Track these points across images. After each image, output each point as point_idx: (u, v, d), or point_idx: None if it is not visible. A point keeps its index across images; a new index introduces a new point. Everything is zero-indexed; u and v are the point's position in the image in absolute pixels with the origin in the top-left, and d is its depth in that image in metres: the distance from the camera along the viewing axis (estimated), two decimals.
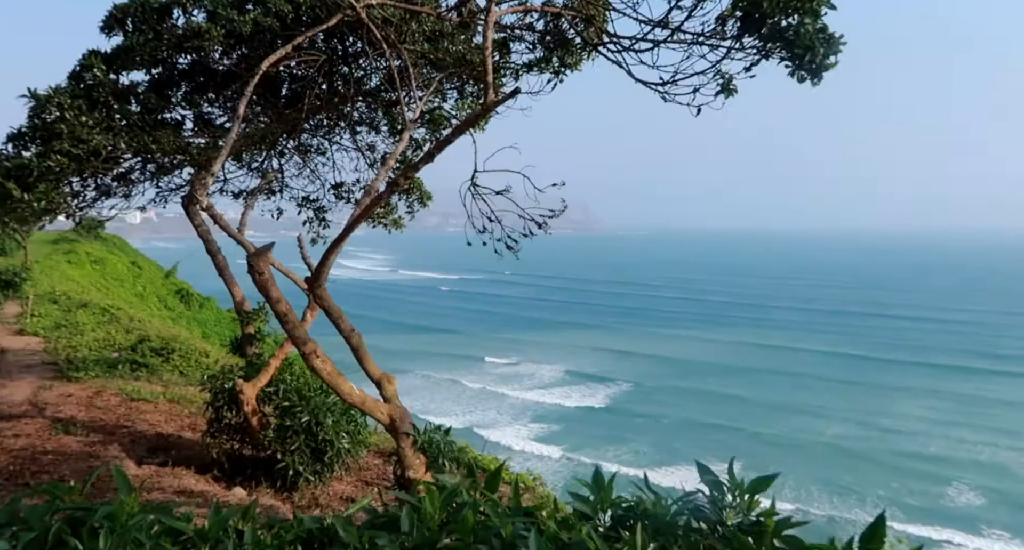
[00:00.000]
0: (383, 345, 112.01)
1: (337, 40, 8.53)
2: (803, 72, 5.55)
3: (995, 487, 55.06)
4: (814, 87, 5.84)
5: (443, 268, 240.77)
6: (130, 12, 10.03)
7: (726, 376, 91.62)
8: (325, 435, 8.91)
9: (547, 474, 59.48)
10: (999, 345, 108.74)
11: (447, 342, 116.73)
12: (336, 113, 10.62)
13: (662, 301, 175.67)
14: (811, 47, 5.44)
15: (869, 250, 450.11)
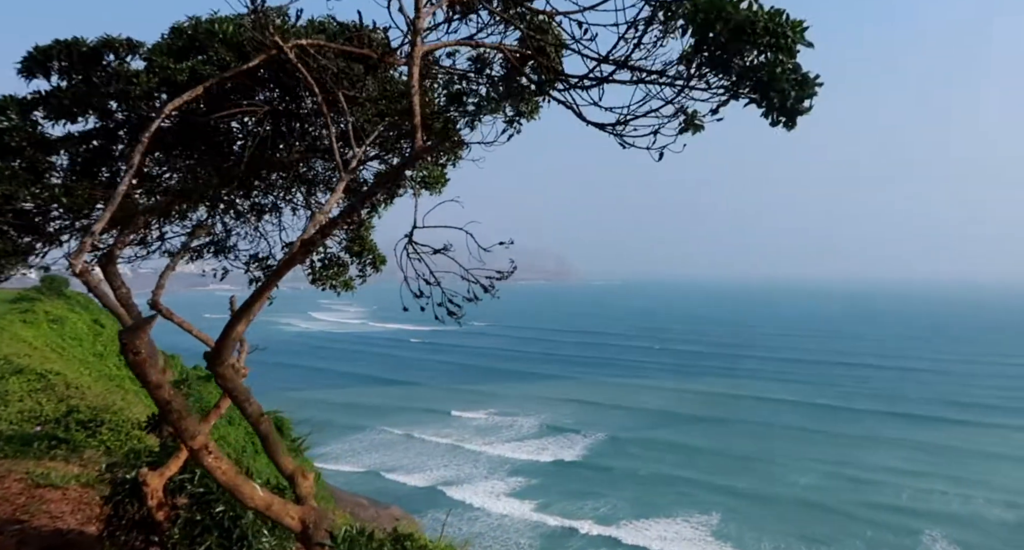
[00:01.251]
0: (344, 399, 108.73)
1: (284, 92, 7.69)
2: (776, 115, 4.85)
3: (968, 537, 54.45)
4: (789, 131, 5.19)
5: (416, 320, 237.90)
6: (54, 55, 9.14)
7: (698, 427, 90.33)
8: (242, 531, 7.59)
9: (520, 534, 57.10)
10: (963, 393, 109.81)
11: (414, 395, 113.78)
12: (291, 171, 9.76)
13: (634, 351, 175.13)
14: (782, 90, 4.74)
15: (827, 297, 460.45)
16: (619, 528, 58.01)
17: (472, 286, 6.51)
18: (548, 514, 60.91)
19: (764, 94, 4.71)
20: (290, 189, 9.97)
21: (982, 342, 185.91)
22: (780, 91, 4.66)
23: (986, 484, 66.21)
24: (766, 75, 4.66)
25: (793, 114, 4.82)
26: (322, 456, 70.59)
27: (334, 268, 10.59)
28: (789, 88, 4.74)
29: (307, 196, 10.06)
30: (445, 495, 65.19)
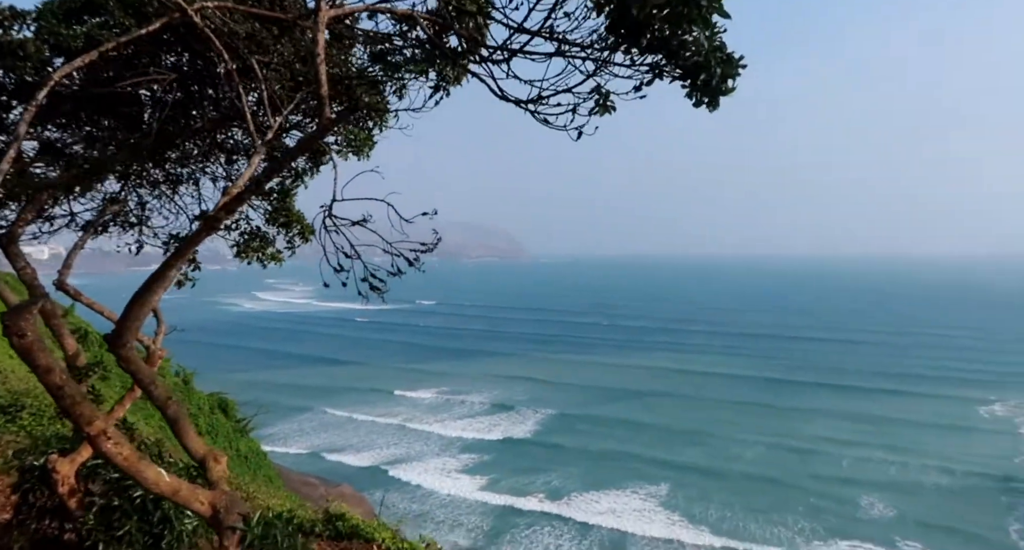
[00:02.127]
0: (289, 380, 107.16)
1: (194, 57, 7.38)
2: (700, 95, 4.97)
3: (902, 502, 58.14)
4: (711, 112, 5.32)
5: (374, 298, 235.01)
6: None
7: (646, 403, 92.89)
8: (164, 514, 7.50)
9: (465, 514, 57.93)
10: (898, 365, 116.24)
11: (360, 375, 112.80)
12: (207, 140, 9.41)
13: (583, 328, 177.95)
14: (705, 66, 4.85)
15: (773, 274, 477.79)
16: (569, 501, 59.71)
17: (396, 259, 6.51)
18: (497, 491, 61.93)
19: (690, 73, 4.81)
20: (207, 158, 9.66)
21: (918, 315, 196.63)
22: (704, 67, 4.78)
23: (919, 452, 70.64)
24: (686, 50, 4.78)
25: (717, 93, 4.95)
26: (267, 438, 69.67)
27: (257, 241, 10.36)
28: (715, 66, 4.86)
29: (227, 166, 9.76)
30: (389, 475, 65.49)
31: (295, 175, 9.96)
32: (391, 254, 6.39)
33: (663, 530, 53.91)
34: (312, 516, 9.78)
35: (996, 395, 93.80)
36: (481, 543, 53.01)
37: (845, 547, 50.67)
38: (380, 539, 9.21)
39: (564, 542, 52.76)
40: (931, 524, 53.96)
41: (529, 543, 52.85)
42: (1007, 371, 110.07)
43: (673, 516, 56.73)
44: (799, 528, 54.11)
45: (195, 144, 9.68)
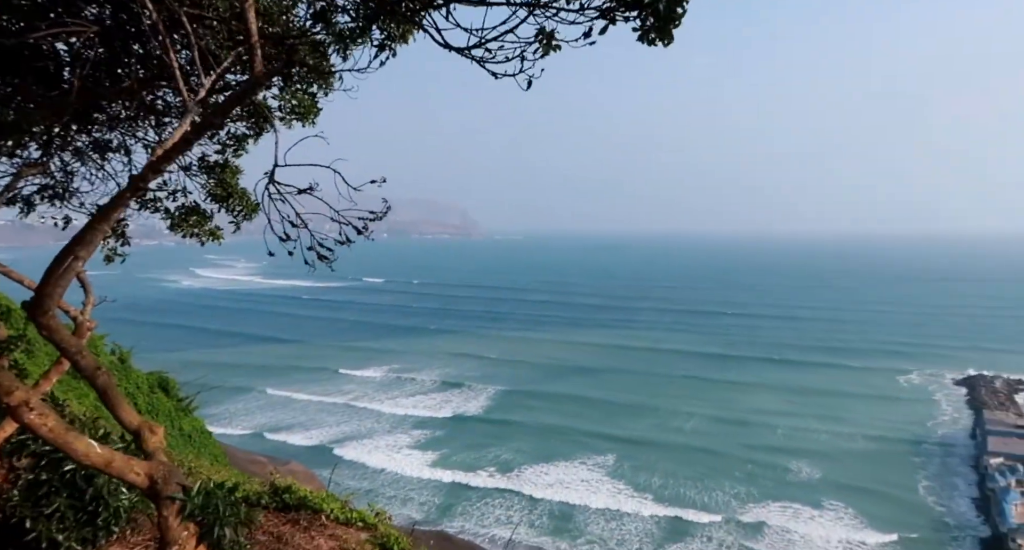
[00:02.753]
0: (232, 360, 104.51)
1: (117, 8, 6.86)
2: (652, 33, 4.76)
3: (828, 467, 61.34)
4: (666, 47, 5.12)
5: (313, 275, 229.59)
6: None
7: (595, 379, 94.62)
8: (97, 490, 7.19)
9: (416, 490, 58.17)
10: (832, 339, 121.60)
11: (307, 354, 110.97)
12: (136, 101, 8.80)
13: (535, 305, 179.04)
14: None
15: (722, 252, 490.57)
16: (520, 474, 60.88)
17: (344, 228, 6.29)
18: (448, 466, 62.40)
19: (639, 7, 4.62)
20: (137, 122, 9.07)
21: (853, 291, 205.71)
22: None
23: (845, 420, 74.52)
24: None
25: (667, 25, 4.76)
26: (207, 418, 67.71)
27: (195, 216, 9.83)
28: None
29: (158, 129, 9.20)
30: (335, 453, 65.10)
31: (236, 143, 9.48)
32: (339, 222, 6.18)
33: (609, 499, 55.46)
34: (259, 489, 9.60)
35: (914, 365, 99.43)
36: (434, 516, 53.60)
37: (776, 508, 53.60)
38: (329, 510, 9.10)
39: (514, 513, 53.81)
40: (852, 484, 57.41)
41: (480, 516, 53.69)
42: (922, 342, 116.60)
43: (619, 485, 58.47)
44: (735, 492, 56.69)
45: (123, 106, 9.09)
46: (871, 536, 48.95)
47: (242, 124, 9.28)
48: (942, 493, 56.37)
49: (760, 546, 47.76)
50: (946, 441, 68.44)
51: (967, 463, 62.18)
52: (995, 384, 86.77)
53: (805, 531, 49.99)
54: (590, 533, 50.45)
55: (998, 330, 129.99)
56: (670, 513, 52.97)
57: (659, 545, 48.63)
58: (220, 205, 9.87)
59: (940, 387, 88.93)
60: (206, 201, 10.05)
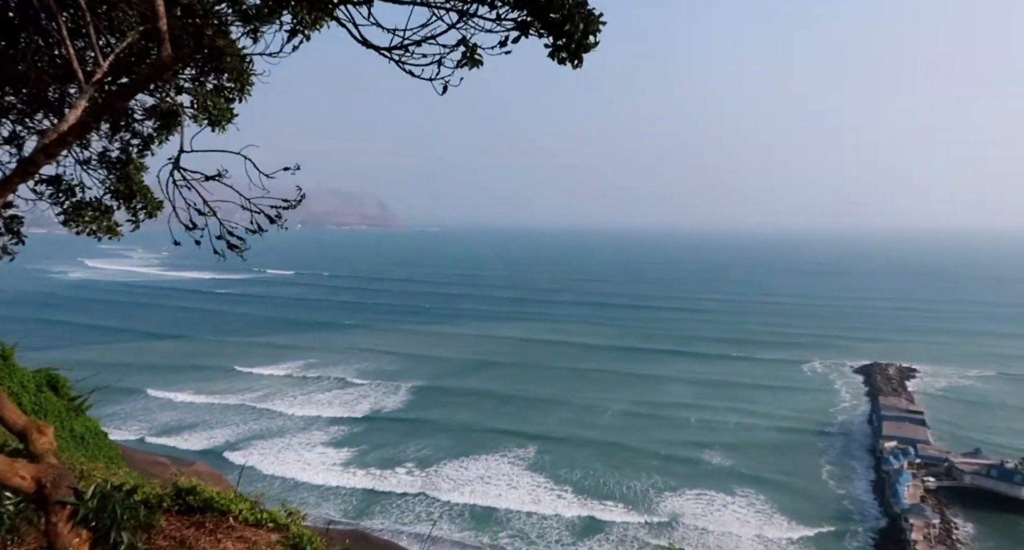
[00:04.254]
0: (127, 359, 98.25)
1: None
2: (563, 53, 5.11)
3: (739, 454, 64.88)
4: (575, 69, 5.46)
5: (219, 267, 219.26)
6: None
7: (512, 373, 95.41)
8: None
9: (332, 490, 57.08)
10: (741, 331, 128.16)
11: (209, 351, 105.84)
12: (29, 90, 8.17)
13: (453, 298, 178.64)
14: (569, 18, 4.99)
15: (632, 245, 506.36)
16: (439, 469, 61.01)
17: (256, 217, 6.17)
18: (363, 466, 61.59)
19: (554, 28, 4.94)
20: (31, 114, 8.46)
21: (761, 284, 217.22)
22: (568, 19, 4.93)
23: (753, 409, 78.96)
24: (557, 8, 4.92)
25: (579, 50, 5.14)
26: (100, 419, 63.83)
27: (92, 211, 9.27)
28: (579, 21, 5.03)
29: (55, 118, 8.61)
30: (227, 459, 63.06)
31: (142, 142, 9.00)
32: (250, 211, 6.08)
33: (529, 493, 56.45)
34: (159, 492, 9.24)
35: (816, 355, 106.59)
36: (351, 515, 52.93)
37: (691, 496, 56.38)
38: (237, 511, 8.88)
39: (434, 510, 53.86)
40: (761, 471, 61.08)
41: (400, 513, 53.48)
42: (824, 333, 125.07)
43: (539, 479, 59.56)
44: (652, 482, 59.13)
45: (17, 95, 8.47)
46: (779, 520, 52.36)
47: (150, 124, 8.83)
48: (843, 477, 60.96)
49: (677, 532, 50.00)
50: (846, 427, 73.95)
51: (865, 447, 67.44)
52: (889, 371, 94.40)
53: (719, 517, 52.87)
54: (512, 527, 51.27)
55: (893, 321, 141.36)
56: (589, 504, 54.61)
57: (579, 536, 50.06)
58: (121, 203, 9.35)
59: (840, 375, 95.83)
60: (106, 197, 9.51)
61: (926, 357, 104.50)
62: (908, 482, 55.37)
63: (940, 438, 66.84)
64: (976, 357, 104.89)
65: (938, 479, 58.22)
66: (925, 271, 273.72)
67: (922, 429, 67.19)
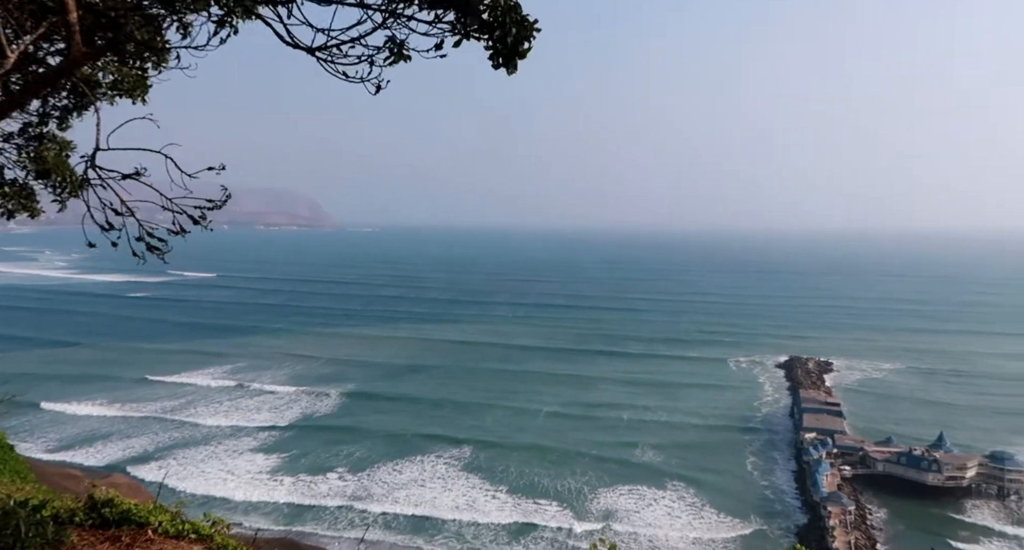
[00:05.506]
0: (16, 369, 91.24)
1: None
2: (499, 58, 5.24)
3: (668, 447, 67.10)
4: (509, 75, 5.60)
5: (137, 270, 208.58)
6: None
7: (448, 377, 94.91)
8: None
9: (257, 503, 55.40)
10: (672, 331, 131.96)
11: (120, 360, 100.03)
12: None
13: (387, 301, 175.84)
14: (501, 24, 5.12)
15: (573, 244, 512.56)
16: (372, 474, 60.29)
17: (178, 217, 5.96)
18: (292, 473, 60.13)
19: (489, 32, 5.06)
20: None
21: (691, 283, 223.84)
22: (502, 28, 5.06)
23: (683, 406, 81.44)
24: (487, 10, 5.04)
25: (514, 55, 5.27)
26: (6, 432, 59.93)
27: (9, 187, 8.76)
28: (510, 26, 5.17)
29: None
30: (155, 466, 60.29)
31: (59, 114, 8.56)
32: (172, 211, 5.93)
33: (464, 495, 56.51)
34: (72, 506, 8.83)
35: (742, 352, 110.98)
36: (283, 522, 51.64)
37: (624, 491, 57.86)
38: (156, 523, 8.59)
39: (368, 514, 53.16)
40: (690, 465, 63.26)
41: (334, 519, 52.51)
42: (749, 330, 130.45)
43: (473, 480, 59.66)
44: (586, 479, 60.23)
45: None
46: (708, 513, 54.35)
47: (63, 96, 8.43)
48: (766, 469, 63.82)
49: (610, 528, 51.03)
50: (768, 420, 77.39)
51: (786, 439, 70.83)
52: (809, 366, 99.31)
53: (651, 512, 54.40)
54: (446, 530, 51.19)
55: (812, 317, 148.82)
56: (524, 504, 55.14)
57: (515, 535, 50.46)
58: (41, 181, 8.87)
59: (764, 370, 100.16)
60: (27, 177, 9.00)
61: (843, 352, 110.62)
62: (826, 471, 58.41)
63: (855, 429, 70.81)
64: (889, 351, 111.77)
65: (853, 467, 61.79)
66: (845, 270, 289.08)
67: (839, 420, 71.00)
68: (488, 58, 5.25)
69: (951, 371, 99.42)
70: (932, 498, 57.68)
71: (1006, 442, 65.46)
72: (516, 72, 5.38)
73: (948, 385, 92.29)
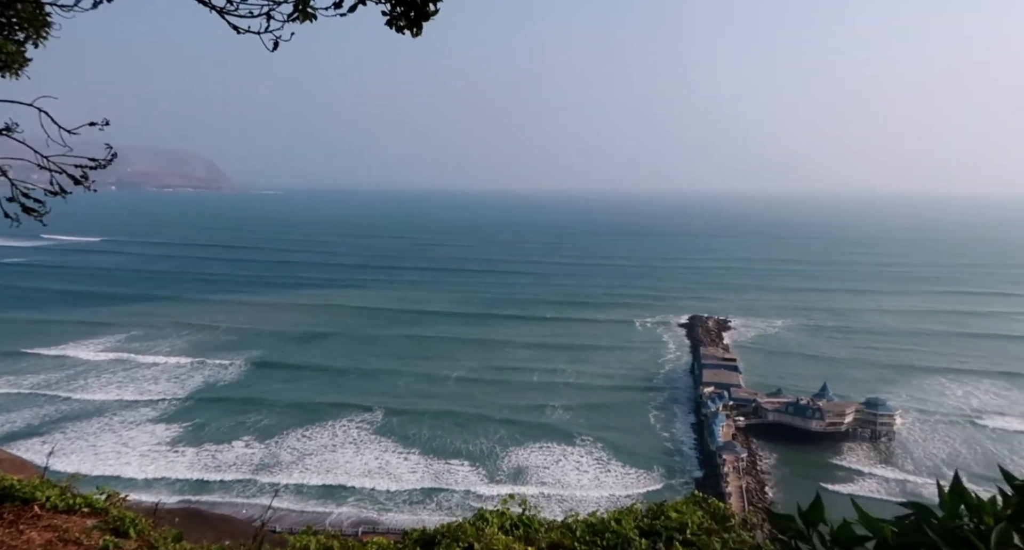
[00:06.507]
0: None
1: None
2: (401, 22, 5.13)
3: (579, 406, 69.84)
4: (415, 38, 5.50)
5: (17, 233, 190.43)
6: None
7: (355, 343, 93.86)
8: None
9: (158, 475, 53.50)
10: (580, 294, 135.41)
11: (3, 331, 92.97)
12: None
13: (291, 267, 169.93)
14: None
15: (479, 208, 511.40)
16: (281, 441, 59.58)
17: (56, 176, 5.61)
18: (194, 443, 58.35)
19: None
20: None
21: (595, 246, 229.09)
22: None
23: (591, 366, 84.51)
24: None
25: (420, 18, 5.15)
26: None
27: None
28: None
29: None
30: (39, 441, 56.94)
31: None
32: (50, 171, 5.60)
33: (377, 458, 56.89)
34: None
35: (648, 313, 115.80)
36: (187, 492, 50.42)
37: (536, 448, 60.07)
38: (44, 498, 8.27)
39: (278, 480, 52.54)
40: (597, 422, 66.29)
41: (243, 488, 51.63)
42: (654, 293, 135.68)
43: (386, 443, 60.27)
44: (498, 438, 61.97)
45: None
46: (615, 465, 57.41)
47: None
48: (668, 422, 67.83)
49: (522, 483, 52.69)
50: (671, 377, 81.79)
51: (687, 394, 75.21)
52: (709, 324, 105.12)
53: (561, 467, 56.84)
54: (360, 492, 51.60)
55: (712, 278, 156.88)
56: (437, 464, 56.33)
57: (427, 495, 51.54)
58: None
59: (667, 329, 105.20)
60: None
61: (741, 310, 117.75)
62: (722, 422, 62.75)
63: (750, 382, 75.99)
64: (782, 309, 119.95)
65: (747, 418, 66.64)
66: (746, 233, 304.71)
67: (735, 375, 75.98)
68: (387, 23, 5.10)
69: (835, 328, 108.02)
70: (814, 443, 63.34)
71: (879, 390, 72.28)
72: (421, 34, 5.31)
73: (831, 340, 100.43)
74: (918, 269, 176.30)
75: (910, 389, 76.77)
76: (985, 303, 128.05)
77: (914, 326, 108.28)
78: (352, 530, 41.70)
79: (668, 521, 6.10)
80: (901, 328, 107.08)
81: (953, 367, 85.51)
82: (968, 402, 73.74)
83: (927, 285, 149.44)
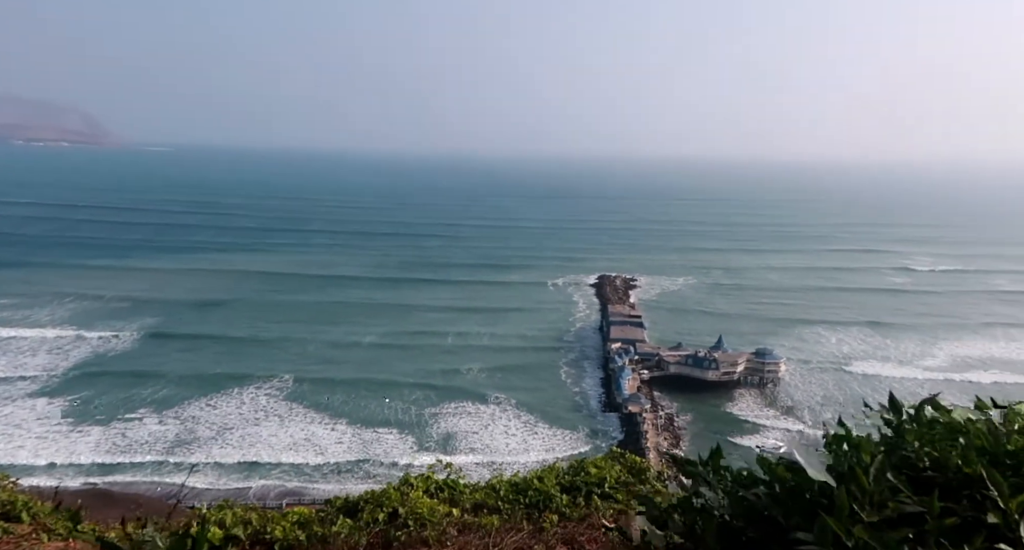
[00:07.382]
0: None
1: None
2: None
3: (493, 365, 71.23)
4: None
5: None
6: None
7: (258, 311, 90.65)
8: None
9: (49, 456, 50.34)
10: (492, 256, 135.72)
11: None
12: None
13: (184, 230, 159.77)
14: None
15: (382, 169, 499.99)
16: (181, 412, 57.58)
17: None
18: (86, 420, 55.18)
19: None
20: None
21: (509, 209, 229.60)
22: None
23: (505, 328, 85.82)
24: None
25: None
26: None
27: None
28: None
29: None
30: None
31: None
32: None
33: (299, 428, 56.12)
34: None
35: (559, 273, 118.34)
36: (88, 473, 48.21)
37: (452, 407, 61.13)
38: None
39: (194, 458, 50.82)
40: (511, 378, 68.28)
41: (156, 467, 49.70)
42: (565, 254, 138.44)
43: (296, 407, 59.56)
44: (414, 399, 62.42)
45: None
46: (525, 415, 59.76)
47: None
48: (578, 376, 70.83)
49: (454, 451, 53.17)
50: (581, 334, 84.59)
51: (596, 350, 78.11)
52: (616, 283, 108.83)
53: (476, 422, 58.54)
54: (282, 465, 50.82)
55: (620, 239, 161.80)
56: (356, 430, 56.24)
57: (355, 462, 51.67)
58: None
59: (578, 289, 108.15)
60: None
61: (646, 269, 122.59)
62: (628, 376, 65.81)
63: (653, 337, 79.65)
64: (683, 268, 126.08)
65: (651, 371, 70.22)
66: (651, 195, 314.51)
67: (640, 330, 79.36)
68: None
69: (730, 285, 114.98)
70: (711, 391, 68.14)
71: (767, 341, 77.76)
72: None
73: (727, 296, 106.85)
74: (804, 229, 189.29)
75: (792, 339, 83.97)
76: (856, 259, 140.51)
77: (796, 282, 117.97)
78: (276, 503, 41.00)
79: (588, 476, 6.44)
80: (785, 284, 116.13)
81: (828, 319, 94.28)
82: (840, 349, 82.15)
83: (810, 244, 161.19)
